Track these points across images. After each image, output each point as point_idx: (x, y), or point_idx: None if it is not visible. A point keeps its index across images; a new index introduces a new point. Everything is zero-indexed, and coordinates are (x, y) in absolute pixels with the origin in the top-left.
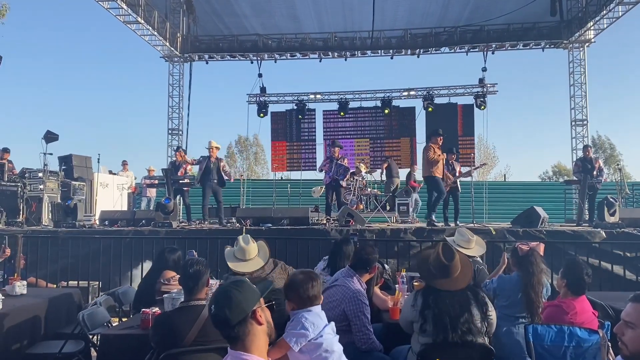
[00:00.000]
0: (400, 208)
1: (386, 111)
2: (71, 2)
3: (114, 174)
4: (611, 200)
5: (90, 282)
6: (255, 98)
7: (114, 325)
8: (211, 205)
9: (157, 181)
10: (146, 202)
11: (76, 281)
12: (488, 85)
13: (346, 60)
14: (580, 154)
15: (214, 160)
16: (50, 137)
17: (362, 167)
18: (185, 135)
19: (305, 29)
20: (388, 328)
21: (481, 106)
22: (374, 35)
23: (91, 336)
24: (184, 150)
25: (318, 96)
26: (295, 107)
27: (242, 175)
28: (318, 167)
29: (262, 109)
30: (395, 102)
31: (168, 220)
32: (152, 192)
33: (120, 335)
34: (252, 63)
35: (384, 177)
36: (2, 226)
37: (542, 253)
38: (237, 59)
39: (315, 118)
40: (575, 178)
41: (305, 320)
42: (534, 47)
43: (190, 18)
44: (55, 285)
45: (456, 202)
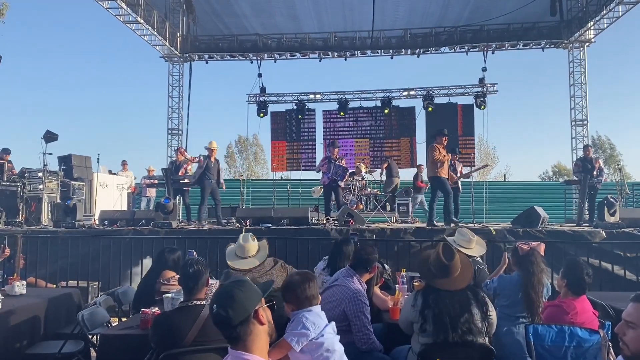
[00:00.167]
0: (400, 208)
1: (386, 111)
2: (71, 2)
3: (114, 174)
4: (611, 200)
5: (89, 282)
6: (255, 98)
7: (114, 325)
8: (210, 205)
9: (157, 181)
10: (146, 202)
11: (76, 281)
12: (488, 85)
13: (346, 60)
14: (580, 154)
15: (214, 160)
16: (49, 137)
17: (362, 167)
18: (185, 135)
19: (305, 29)
20: (388, 328)
21: (481, 106)
22: (374, 35)
23: (91, 336)
24: (184, 148)
25: (318, 96)
26: (295, 107)
27: (242, 175)
28: (316, 168)
29: (262, 109)
30: (395, 102)
31: (168, 220)
32: (152, 192)
33: (119, 335)
34: (252, 63)
35: (384, 177)
36: (2, 226)
37: (543, 253)
38: (237, 59)
39: (315, 118)
40: (575, 178)
41: (306, 320)
42: (534, 47)
43: (190, 18)
44: (54, 285)
45: (456, 202)
